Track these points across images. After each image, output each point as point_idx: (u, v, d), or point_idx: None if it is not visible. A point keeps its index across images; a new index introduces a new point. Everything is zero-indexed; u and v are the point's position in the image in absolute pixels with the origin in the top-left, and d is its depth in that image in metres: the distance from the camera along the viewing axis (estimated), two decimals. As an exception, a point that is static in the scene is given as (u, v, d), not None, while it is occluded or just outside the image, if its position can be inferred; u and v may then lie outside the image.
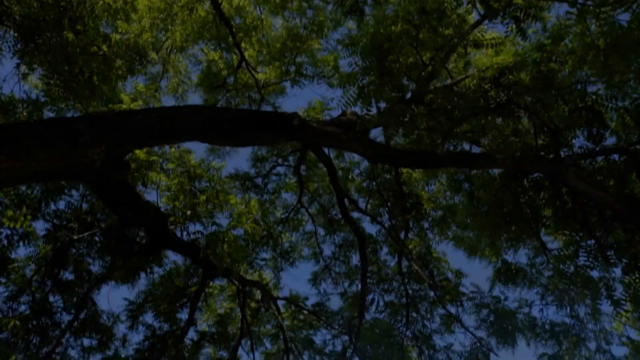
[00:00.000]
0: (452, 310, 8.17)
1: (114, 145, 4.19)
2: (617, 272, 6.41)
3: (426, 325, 8.98)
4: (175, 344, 9.12)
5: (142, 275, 10.58)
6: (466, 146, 6.95)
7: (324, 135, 4.89)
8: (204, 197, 7.44)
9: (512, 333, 7.87)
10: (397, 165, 5.82)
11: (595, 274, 6.07)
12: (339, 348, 10.53)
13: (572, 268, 5.81)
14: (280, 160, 10.71)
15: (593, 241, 5.90)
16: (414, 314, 9.19)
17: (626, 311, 5.43)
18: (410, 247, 7.84)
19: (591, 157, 5.60)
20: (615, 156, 5.83)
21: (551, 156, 5.40)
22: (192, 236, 7.58)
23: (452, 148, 6.01)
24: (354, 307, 9.08)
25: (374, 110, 5.76)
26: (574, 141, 5.67)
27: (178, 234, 7.92)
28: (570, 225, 5.64)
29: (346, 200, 7.82)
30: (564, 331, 8.12)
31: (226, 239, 7.34)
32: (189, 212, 7.29)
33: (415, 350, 9.37)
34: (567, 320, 8.16)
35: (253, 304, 10.14)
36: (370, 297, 8.51)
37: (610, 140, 5.95)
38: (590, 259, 5.67)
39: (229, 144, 5.85)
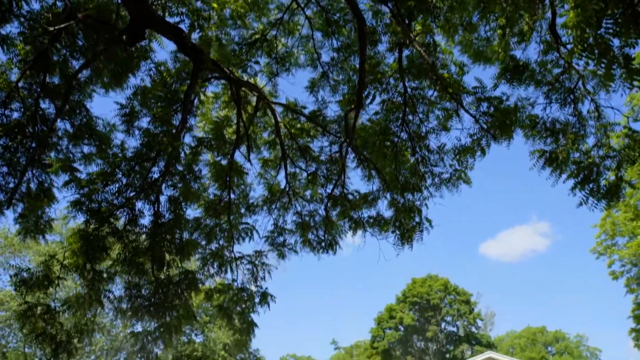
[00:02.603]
0: (453, 104, 7.93)
1: None
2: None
3: (422, 127, 8.88)
4: (171, 142, 9.13)
5: (131, 79, 10.23)
6: None
7: None
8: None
9: (511, 127, 7.77)
10: None
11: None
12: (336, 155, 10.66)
13: (591, 39, 5.34)
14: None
15: (620, 10, 5.34)
16: (410, 117, 9.03)
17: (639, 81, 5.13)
18: (413, 34, 7.23)
19: None
20: None
21: None
22: (177, 18, 6.91)
23: None
24: (351, 104, 8.83)
25: None
26: None
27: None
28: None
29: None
30: (563, 129, 8.02)
31: (214, 20, 6.70)
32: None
33: (409, 152, 9.45)
34: (570, 118, 8.01)
35: (250, 108, 9.93)
36: (366, 92, 8.20)
37: None
38: (614, 27, 5.18)
39: None
